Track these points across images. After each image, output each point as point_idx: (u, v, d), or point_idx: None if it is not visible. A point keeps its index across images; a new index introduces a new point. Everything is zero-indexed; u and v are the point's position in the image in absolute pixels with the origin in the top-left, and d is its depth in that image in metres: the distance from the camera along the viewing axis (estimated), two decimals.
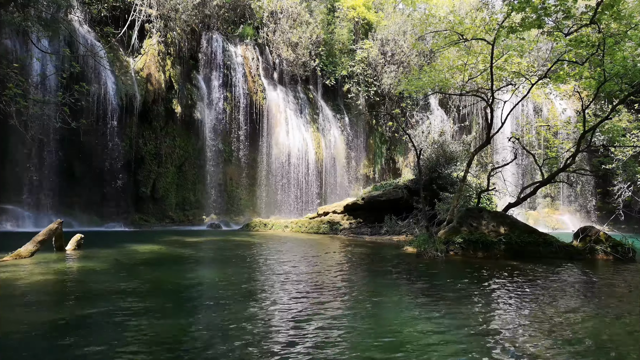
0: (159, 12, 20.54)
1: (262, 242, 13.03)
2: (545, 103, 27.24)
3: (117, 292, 5.41)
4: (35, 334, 3.77)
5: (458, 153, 17.89)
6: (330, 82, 26.06)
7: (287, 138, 23.82)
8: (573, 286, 6.52)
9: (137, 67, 19.88)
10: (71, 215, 17.10)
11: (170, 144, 20.90)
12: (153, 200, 20.43)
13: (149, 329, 3.92)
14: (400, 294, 5.74)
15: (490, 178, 13.76)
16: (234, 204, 22.93)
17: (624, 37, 10.04)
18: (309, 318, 4.38)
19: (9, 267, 7.01)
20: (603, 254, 9.69)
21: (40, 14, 14.49)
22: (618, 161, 17.71)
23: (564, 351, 3.57)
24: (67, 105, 12.97)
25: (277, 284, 6.26)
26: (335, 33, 26.75)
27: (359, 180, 27.18)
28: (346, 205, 18.44)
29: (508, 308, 5.04)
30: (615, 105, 11.61)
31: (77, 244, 9.46)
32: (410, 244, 11.12)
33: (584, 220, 24.83)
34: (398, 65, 26.40)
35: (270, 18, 24.75)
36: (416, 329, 4.07)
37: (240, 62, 23.12)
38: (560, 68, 12.21)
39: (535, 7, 9.70)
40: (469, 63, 13.41)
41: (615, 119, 16.75)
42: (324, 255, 10.03)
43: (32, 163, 16.89)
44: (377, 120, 27.91)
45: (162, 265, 8.08)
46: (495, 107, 14.70)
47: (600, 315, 4.71)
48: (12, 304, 4.76)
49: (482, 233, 10.19)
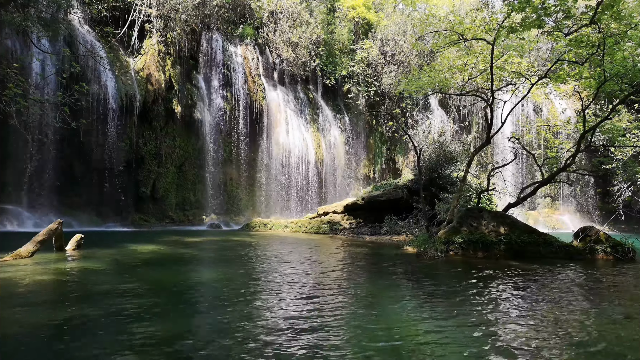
0: (159, 12, 20.54)
1: (262, 242, 13.02)
2: (545, 103, 27.23)
3: (117, 292, 5.41)
4: (35, 334, 3.77)
5: (458, 153, 17.89)
6: (330, 82, 26.06)
7: (287, 138, 23.82)
8: (574, 286, 6.51)
9: (137, 67, 19.88)
10: (71, 215, 17.09)
11: (170, 144, 20.90)
12: (153, 200, 20.43)
13: (149, 330, 3.92)
14: (400, 294, 5.74)
15: (490, 178, 13.76)
16: (234, 204, 22.93)
17: (624, 37, 10.04)
18: (309, 318, 4.38)
19: (9, 267, 7.01)
20: (603, 254, 9.69)
21: (40, 14, 14.48)
22: (618, 161, 17.71)
23: (568, 352, 3.56)
24: (67, 105, 12.97)
25: (277, 284, 6.26)
26: (335, 33, 26.75)
27: (359, 180, 27.17)
28: (346, 205, 18.45)
29: (509, 308, 5.03)
30: (615, 105, 11.61)
31: (77, 244, 9.46)
32: (410, 244, 11.13)
33: (584, 220, 24.82)
34: (398, 65, 26.39)
35: (270, 18, 24.75)
36: (416, 329, 4.06)
37: (240, 62, 23.12)
38: (560, 68, 12.21)
39: (535, 7, 9.70)
40: (469, 63, 13.41)
41: (615, 119, 16.74)
42: (323, 255, 10.02)
43: (32, 163, 16.87)
44: (377, 120, 27.90)
45: (162, 265, 8.07)
46: (495, 107, 14.71)
47: (604, 316, 4.70)
48: (12, 304, 4.76)
49: (482, 233, 10.19)
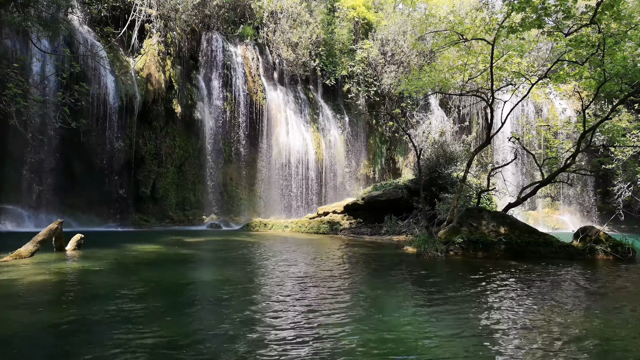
0: (159, 12, 20.53)
1: (262, 242, 13.02)
2: (545, 103, 27.22)
3: (117, 292, 5.41)
4: (35, 334, 3.77)
5: (458, 153, 17.90)
6: (330, 82, 26.05)
7: (287, 138, 23.81)
8: (574, 286, 6.51)
9: (137, 67, 19.88)
10: (71, 215, 17.09)
11: (170, 144, 20.89)
12: (153, 200, 20.42)
13: (149, 330, 3.92)
14: (400, 294, 5.74)
15: (490, 178, 13.77)
16: (234, 204, 22.92)
17: (624, 37, 10.04)
18: (309, 318, 4.38)
19: (9, 267, 7.01)
20: (603, 254, 9.70)
21: (40, 14, 14.48)
22: (618, 161, 17.70)
23: (569, 352, 3.56)
24: (67, 105, 12.97)
25: (277, 285, 6.26)
26: (335, 33, 26.74)
27: (359, 180, 27.16)
28: (346, 205, 18.45)
29: (509, 309, 5.03)
30: (615, 105, 11.62)
31: (77, 244, 9.46)
32: (410, 244, 11.13)
33: (584, 220, 24.82)
34: (398, 65, 26.39)
35: (270, 18, 24.74)
36: (416, 330, 4.06)
37: (240, 62, 23.11)
38: (560, 68, 12.21)
39: (535, 7, 9.70)
40: (469, 63, 13.41)
41: (615, 119, 16.72)
42: (323, 255, 10.02)
43: (32, 163, 16.87)
44: (377, 120, 27.89)
45: (162, 265, 8.07)
46: (495, 107, 14.69)
47: (604, 316, 4.70)
48: (12, 304, 4.76)
49: (482, 233, 10.19)
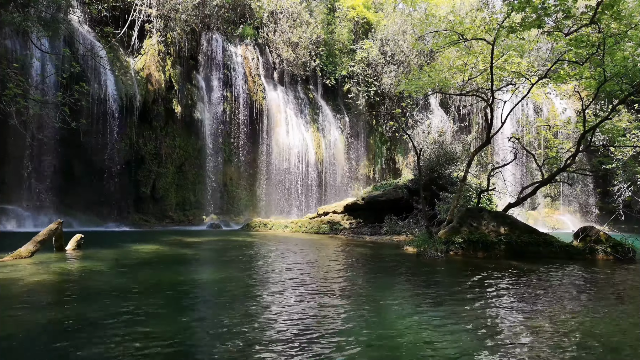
0: (159, 12, 20.53)
1: (262, 242, 13.02)
2: (545, 103, 27.22)
3: (117, 292, 5.41)
4: (35, 334, 3.77)
5: (458, 153, 17.89)
6: (330, 82, 26.05)
7: (287, 138, 23.81)
8: (574, 286, 6.51)
9: (137, 67, 19.87)
10: (71, 215, 17.09)
11: (170, 144, 20.89)
12: (153, 200, 20.42)
13: (149, 330, 3.92)
14: (400, 294, 5.74)
15: (490, 178, 13.76)
16: (234, 204, 22.92)
17: (624, 37, 10.04)
18: (309, 319, 4.38)
19: (9, 267, 7.00)
20: (603, 254, 9.69)
21: (40, 14, 14.47)
22: (618, 161, 17.67)
23: (569, 352, 3.56)
24: (67, 105, 12.96)
25: (277, 285, 6.26)
26: (335, 33, 26.74)
27: (359, 180, 27.16)
28: (346, 205, 18.44)
29: (509, 309, 5.03)
30: (615, 105, 11.61)
31: (77, 244, 9.46)
32: (410, 244, 11.12)
33: (584, 220, 24.81)
34: (398, 65, 26.39)
35: (270, 18, 24.74)
36: (417, 330, 4.06)
37: (240, 62, 23.11)
38: (560, 68, 12.20)
39: (535, 7, 9.69)
40: (469, 63, 13.41)
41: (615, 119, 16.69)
42: (324, 255, 10.02)
43: (32, 163, 16.86)
44: (377, 120, 27.90)
45: (162, 265, 8.07)
46: (495, 107, 14.69)
47: (604, 316, 4.70)
48: (12, 304, 4.76)
49: (482, 233, 10.18)
